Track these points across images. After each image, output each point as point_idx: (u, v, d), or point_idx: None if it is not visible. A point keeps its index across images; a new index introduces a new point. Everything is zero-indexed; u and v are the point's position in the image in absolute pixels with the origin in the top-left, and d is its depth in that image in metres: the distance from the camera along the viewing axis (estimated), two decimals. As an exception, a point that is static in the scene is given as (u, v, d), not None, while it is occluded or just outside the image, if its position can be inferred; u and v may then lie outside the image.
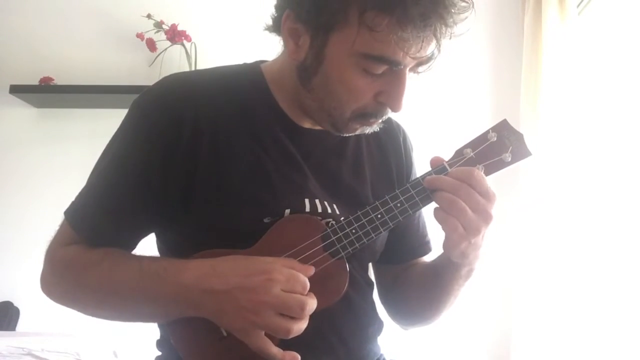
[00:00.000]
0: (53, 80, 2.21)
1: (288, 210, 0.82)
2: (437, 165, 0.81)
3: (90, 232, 0.82)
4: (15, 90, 2.18)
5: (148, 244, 0.89)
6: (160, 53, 2.23)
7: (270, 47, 0.90)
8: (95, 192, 0.84)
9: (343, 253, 0.78)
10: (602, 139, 1.91)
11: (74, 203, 0.85)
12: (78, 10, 2.33)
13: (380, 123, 0.86)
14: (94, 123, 2.27)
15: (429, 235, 1.04)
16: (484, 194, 0.77)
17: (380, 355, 0.95)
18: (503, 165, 0.82)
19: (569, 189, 1.88)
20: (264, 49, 0.94)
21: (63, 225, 0.85)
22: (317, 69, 0.79)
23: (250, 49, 1.37)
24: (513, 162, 0.82)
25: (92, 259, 0.80)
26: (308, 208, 0.84)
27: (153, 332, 0.91)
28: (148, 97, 0.85)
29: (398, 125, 1.03)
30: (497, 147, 0.82)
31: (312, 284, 0.73)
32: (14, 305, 2.15)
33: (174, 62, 2.24)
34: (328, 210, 0.85)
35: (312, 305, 0.72)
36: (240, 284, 0.71)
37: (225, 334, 0.76)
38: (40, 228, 1.02)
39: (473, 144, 0.82)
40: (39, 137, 2.30)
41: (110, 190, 0.82)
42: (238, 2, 2.32)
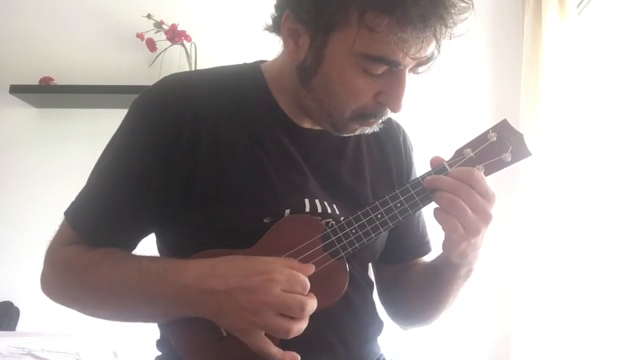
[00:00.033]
0: (53, 80, 2.21)
1: (288, 211, 0.82)
2: (437, 165, 0.81)
3: (90, 232, 0.82)
4: (15, 90, 2.18)
5: (148, 244, 0.89)
6: (160, 53, 2.23)
7: (270, 47, 0.90)
8: (95, 192, 0.84)
9: (343, 253, 0.78)
10: (602, 139, 1.91)
11: (74, 203, 0.85)
12: (78, 10, 2.33)
13: (380, 123, 0.86)
14: (94, 123, 2.28)
15: (429, 235, 1.04)
16: (484, 194, 0.76)
17: (380, 355, 0.95)
18: (503, 165, 0.82)
19: (569, 189, 1.88)
20: (264, 49, 0.94)
21: (63, 226, 0.85)
22: (316, 69, 0.79)
23: (250, 49, 1.37)
24: (513, 162, 0.82)
25: (92, 259, 0.80)
26: (308, 208, 0.84)
27: (153, 332, 0.91)
28: (148, 97, 0.85)
29: (398, 125, 1.03)
30: (497, 147, 0.82)
31: (312, 284, 0.73)
32: (14, 305, 2.15)
33: (174, 62, 2.24)
34: (328, 211, 0.85)
35: (312, 306, 0.72)
36: (240, 284, 0.71)
37: (225, 334, 0.76)
38: (40, 228, 1.02)
39: (473, 144, 0.82)
40: (39, 137, 2.30)
41: (110, 190, 0.82)
42: (238, 2, 2.32)
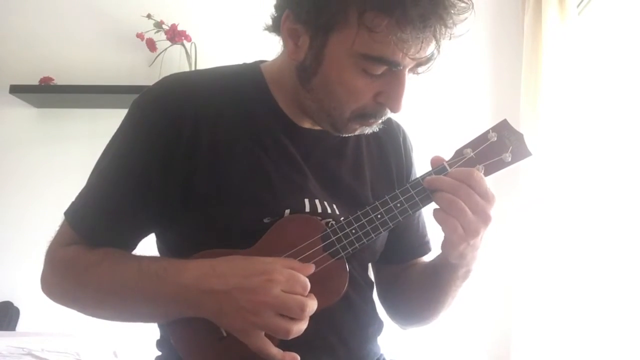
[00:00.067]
0: (53, 80, 2.21)
1: (288, 211, 0.82)
2: (437, 165, 0.81)
3: (90, 232, 0.82)
4: (15, 90, 2.18)
5: (148, 244, 0.89)
6: (160, 53, 2.23)
7: (270, 47, 0.90)
8: (95, 192, 0.84)
9: (343, 253, 0.78)
10: (602, 139, 1.91)
11: (74, 203, 0.85)
12: (78, 10, 2.32)
13: (380, 123, 0.86)
14: (94, 123, 2.28)
15: (429, 235, 1.04)
16: (483, 195, 0.76)
17: (380, 355, 0.95)
18: (503, 165, 0.82)
19: (569, 189, 1.88)
20: (264, 49, 0.94)
21: (63, 226, 0.85)
22: (316, 70, 0.79)
23: (250, 49, 1.37)
24: (513, 162, 0.82)
25: (92, 259, 0.80)
26: (308, 208, 0.84)
27: (153, 332, 0.91)
28: (148, 97, 0.85)
29: (398, 125, 1.03)
30: (497, 147, 0.82)
31: (312, 284, 0.73)
32: (14, 305, 2.15)
33: (174, 62, 2.24)
34: (328, 211, 0.85)
35: (312, 307, 0.72)
36: (240, 285, 0.71)
37: (225, 334, 0.76)
38: (40, 228, 1.03)
39: (473, 144, 0.82)
40: (39, 137, 2.30)
41: (110, 191, 0.82)
42: (238, 2, 2.32)
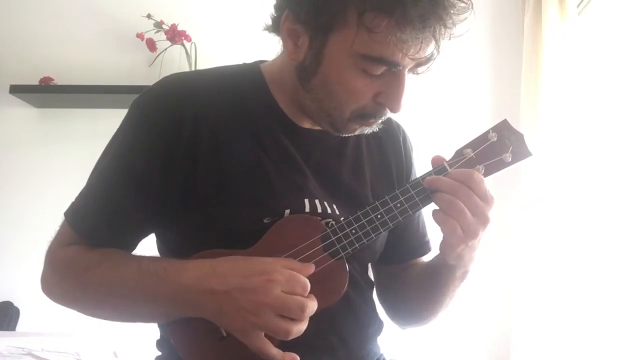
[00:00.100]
0: (53, 80, 2.21)
1: (288, 211, 0.82)
2: (437, 164, 0.81)
3: (90, 232, 0.82)
4: (15, 90, 2.18)
5: (148, 244, 0.89)
6: (160, 53, 2.23)
7: (270, 47, 0.90)
8: (95, 192, 0.84)
9: (343, 253, 0.78)
10: (602, 139, 1.91)
11: (74, 204, 0.85)
12: (78, 10, 2.32)
13: (380, 123, 0.85)
14: (94, 123, 2.27)
15: (429, 235, 1.04)
16: (483, 197, 0.76)
17: (380, 355, 0.95)
18: (503, 166, 0.82)
19: (570, 189, 1.88)
20: (264, 49, 0.94)
21: (63, 226, 0.85)
22: (316, 70, 0.79)
23: (250, 49, 1.36)
24: (513, 162, 0.82)
25: (92, 260, 0.80)
26: (308, 208, 0.84)
27: (153, 332, 0.91)
28: (148, 97, 0.85)
29: (398, 126, 1.03)
30: (497, 147, 0.82)
31: (312, 285, 0.73)
32: (14, 305, 2.14)
33: (174, 62, 2.24)
34: (328, 211, 0.85)
35: (312, 307, 0.72)
36: (240, 285, 0.71)
37: (225, 335, 0.76)
38: (40, 228, 1.02)
39: (473, 144, 0.82)
40: (39, 137, 2.30)
41: (110, 191, 0.82)
42: (238, 2, 2.32)
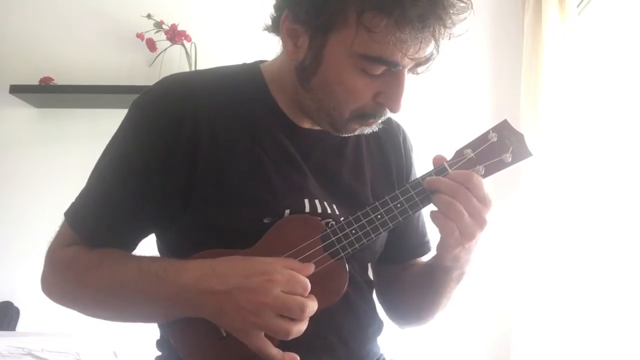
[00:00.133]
0: (53, 80, 2.21)
1: (288, 211, 0.82)
2: (438, 164, 0.81)
3: (90, 233, 0.82)
4: (15, 90, 2.18)
5: (148, 244, 0.89)
6: (160, 53, 2.23)
7: (270, 47, 0.90)
8: (95, 192, 0.84)
9: (343, 254, 0.78)
10: (602, 139, 1.91)
11: (74, 204, 0.85)
12: (78, 10, 2.32)
13: (380, 123, 0.85)
14: (94, 123, 2.27)
15: (429, 235, 1.04)
16: (481, 199, 0.77)
17: (380, 355, 0.95)
18: (504, 166, 0.82)
19: (570, 189, 1.88)
20: (264, 49, 0.94)
21: (63, 226, 0.85)
22: (315, 70, 0.79)
23: (250, 49, 1.37)
24: (514, 162, 0.82)
25: (92, 260, 0.80)
26: (308, 208, 0.84)
27: (153, 332, 0.91)
28: (148, 97, 0.85)
29: (398, 126, 1.03)
30: (497, 147, 0.82)
31: (312, 285, 0.73)
32: (14, 305, 2.14)
33: (174, 62, 2.24)
34: (328, 211, 0.85)
35: (312, 307, 0.72)
36: (240, 285, 0.71)
37: (225, 335, 0.76)
38: (40, 228, 1.03)
39: (473, 145, 0.82)
40: (39, 137, 2.30)
41: (110, 191, 0.82)
42: (238, 2, 2.32)
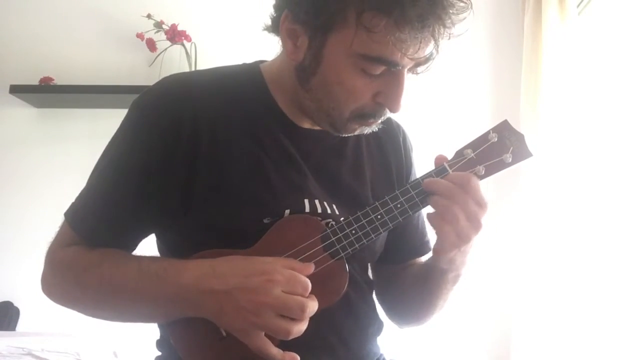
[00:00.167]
0: (53, 80, 2.21)
1: (288, 211, 0.82)
2: (439, 164, 0.81)
3: (90, 233, 0.82)
4: (15, 90, 2.18)
5: (148, 244, 0.89)
6: (160, 53, 2.23)
7: (270, 47, 0.90)
8: (95, 193, 0.84)
9: (343, 254, 0.78)
10: (602, 139, 1.91)
11: (74, 204, 0.85)
12: (78, 10, 2.32)
13: (380, 123, 0.85)
14: (94, 123, 2.27)
15: (428, 235, 1.04)
16: (478, 202, 0.77)
17: (380, 355, 0.95)
18: (504, 166, 0.82)
19: (569, 189, 1.88)
20: (264, 49, 0.94)
21: (63, 227, 0.85)
22: (315, 70, 0.79)
23: (250, 49, 1.36)
24: (514, 162, 0.82)
25: (92, 260, 0.80)
26: (308, 208, 0.84)
27: (153, 332, 0.91)
28: (148, 97, 0.85)
29: (398, 126, 1.03)
30: (497, 147, 0.82)
31: (312, 285, 0.73)
32: (14, 305, 2.14)
33: (174, 62, 2.24)
34: (328, 211, 0.85)
35: (312, 307, 0.72)
36: (240, 285, 0.71)
37: (225, 334, 0.76)
38: (40, 228, 1.03)
39: (474, 145, 0.82)
40: (39, 137, 2.30)
41: (110, 191, 0.82)
42: (238, 2, 2.32)
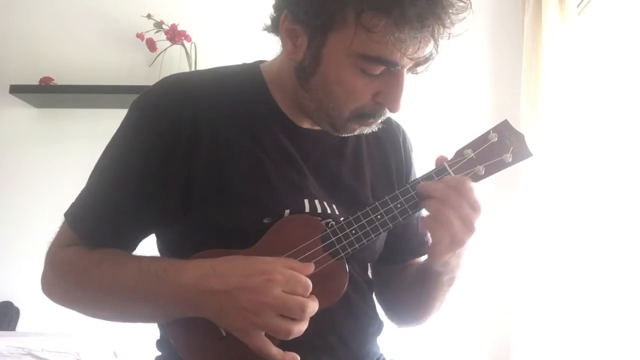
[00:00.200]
0: (53, 80, 2.21)
1: (288, 211, 0.82)
2: (440, 164, 0.81)
3: (90, 233, 0.82)
4: (15, 90, 2.17)
5: (148, 244, 0.89)
6: (160, 53, 2.23)
7: (270, 47, 0.90)
8: (95, 193, 0.84)
9: (343, 254, 0.78)
10: (602, 139, 1.91)
11: (74, 204, 0.85)
12: (78, 10, 2.32)
13: (379, 123, 0.85)
14: (94, 123, 2.27)
15: (428, 235, 1.04)
16: (472, 205, 0.77)
17: (380, 355, 0.95)
18: (504, 166, 0.82)
19: (570, 189, 1.88)
20: (264, 49, 0.94)
21: (63, 227, 0.85)
22: (315, 70, 0.79)
23: (250, 49, 1.36)
24: (514, 162, 0.82)
25: (92, 260, 0.80)
26: (308, 208, 0.84)
27: (153, 332, 0.91)
28: (148, 97, 0.85)
29: (398, 125, 1.03)
30: (497, 147, 0.82)
31: (312, 285, 0.73)
32: (14, 305, 2.14)
33: (174, 62, 2.24)
34: (327, 211, 0.85)
35: (313, 307, 0.72)
36: (240, 285, 0.71)
37: (225, 334, 0.76)
38: (40, 228, 1.03)
39: (474, 145, 0.82)
40: (39, 137, 2.30)
41: (110, 191, 0.82)
42: (238, 2, 2.32)
